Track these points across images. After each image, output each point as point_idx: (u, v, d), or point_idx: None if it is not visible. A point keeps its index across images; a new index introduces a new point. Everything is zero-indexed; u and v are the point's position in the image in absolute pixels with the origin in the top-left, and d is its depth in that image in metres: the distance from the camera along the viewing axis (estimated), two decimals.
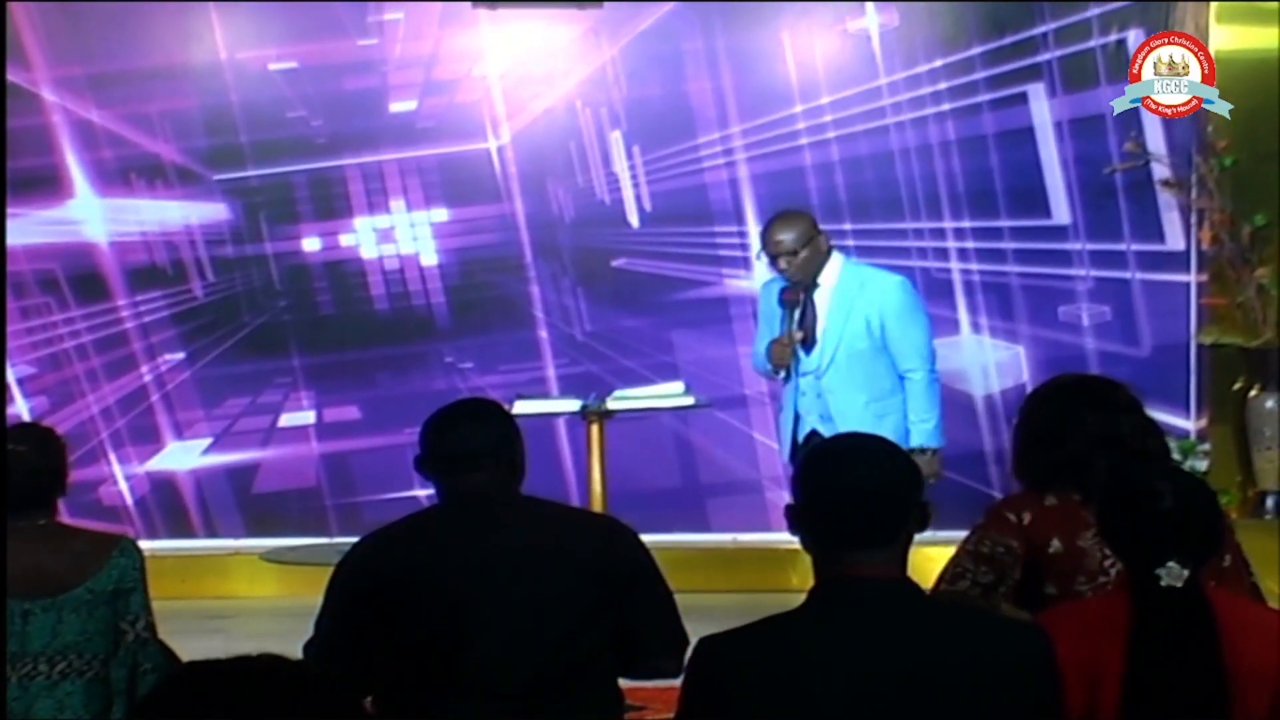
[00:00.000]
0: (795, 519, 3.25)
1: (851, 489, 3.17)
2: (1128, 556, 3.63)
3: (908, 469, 3.28)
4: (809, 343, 7.18)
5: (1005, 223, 9.65)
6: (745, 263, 9.80)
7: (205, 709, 2.06)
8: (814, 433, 7.07)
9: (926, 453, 7.02)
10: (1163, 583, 3.48)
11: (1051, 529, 4.20)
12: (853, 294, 7.17)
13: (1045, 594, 4.16)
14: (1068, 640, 3.27)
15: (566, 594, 4.08)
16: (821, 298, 7.19)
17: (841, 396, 7.12)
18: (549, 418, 8.97)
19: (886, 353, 7.16)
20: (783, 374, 7.23)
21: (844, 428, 6.65)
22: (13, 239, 9.51)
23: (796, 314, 7.15)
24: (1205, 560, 3.57)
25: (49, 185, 9.95)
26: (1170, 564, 3.48)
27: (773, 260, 7.17)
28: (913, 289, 7.36)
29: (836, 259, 7.24)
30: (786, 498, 3.33)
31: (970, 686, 3.09)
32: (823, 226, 7.31)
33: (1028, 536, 4.21)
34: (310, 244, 10.16)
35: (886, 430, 6.71)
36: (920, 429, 7.14)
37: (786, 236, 7.14)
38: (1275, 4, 9.43)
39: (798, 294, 7.16)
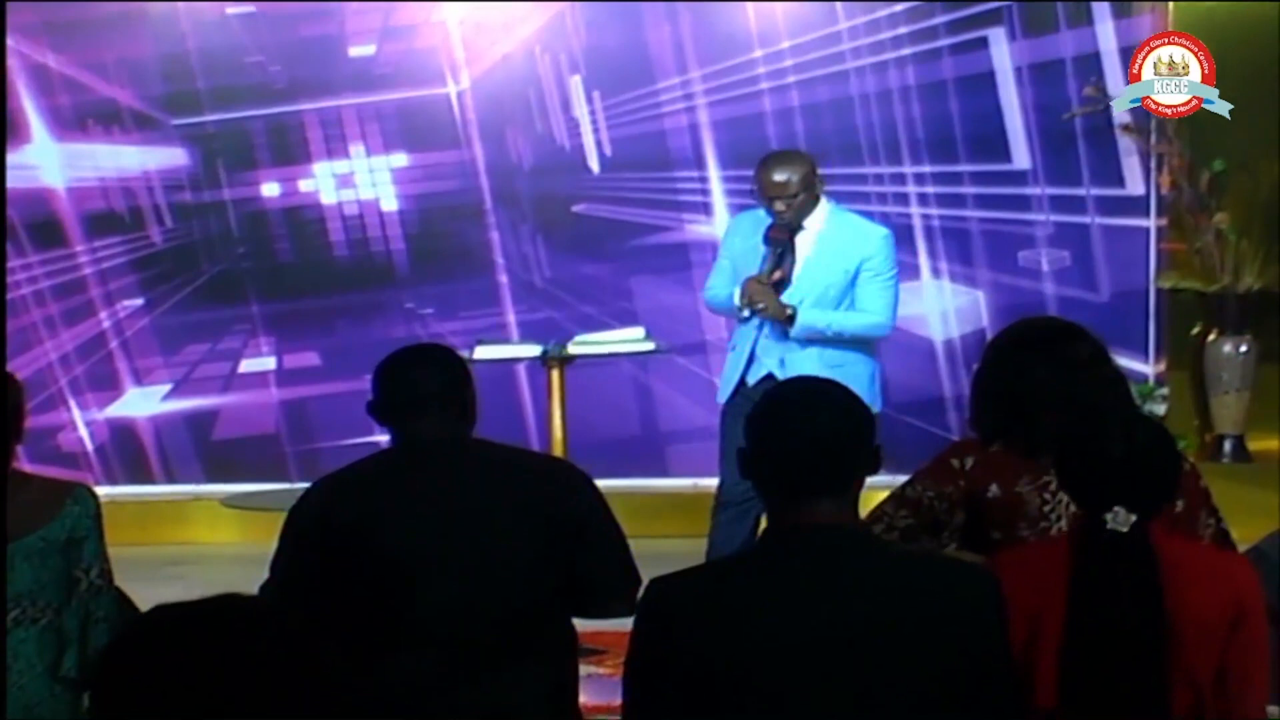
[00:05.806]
0: (749, 466, 3.24)
1: (808, 438, 3.15)
2: (1080, 501, 3.68)
3: (863, 415, 3.27)
4: (784, 285, 7.08)
5: (965, 168, 9.65)
6: (705, 208, 9.80)
7: (175, 650, 2.06)
8: (769, 376, 6.96)
9: (790, 310, 6.93)
10: (1108, 527, 3.51)
11: (991, 475, 4.20)
12: (841, 243, 7.06)
13: (991, 539, 4.18)
14: (1011, 582, 3.29)
15: (518, 539, 4.07)
16: (805, 241, 7.07)
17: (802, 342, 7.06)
18: (509, 363, 8.96)
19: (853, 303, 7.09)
20: (747, 313, 7.04)
21: (799, 372, 6.51)
22: None
23: (778, 254, 7.06)
24: (1158, 507, 3.60)
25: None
26: (1117, 509, 3.51)
27: (769, 201, 7.04)
28: (894, 245, 7.24)
29: (824, 204, 7.15)
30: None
31: (919, 628, 3.10)
32: None
33: (969, 481, 4.22)
34: (269, 190, 10.11)
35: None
36: (826, 315, 6.98)
37: (791, 178, 7.00)
38: None
39: (784, 234, 7.05)
